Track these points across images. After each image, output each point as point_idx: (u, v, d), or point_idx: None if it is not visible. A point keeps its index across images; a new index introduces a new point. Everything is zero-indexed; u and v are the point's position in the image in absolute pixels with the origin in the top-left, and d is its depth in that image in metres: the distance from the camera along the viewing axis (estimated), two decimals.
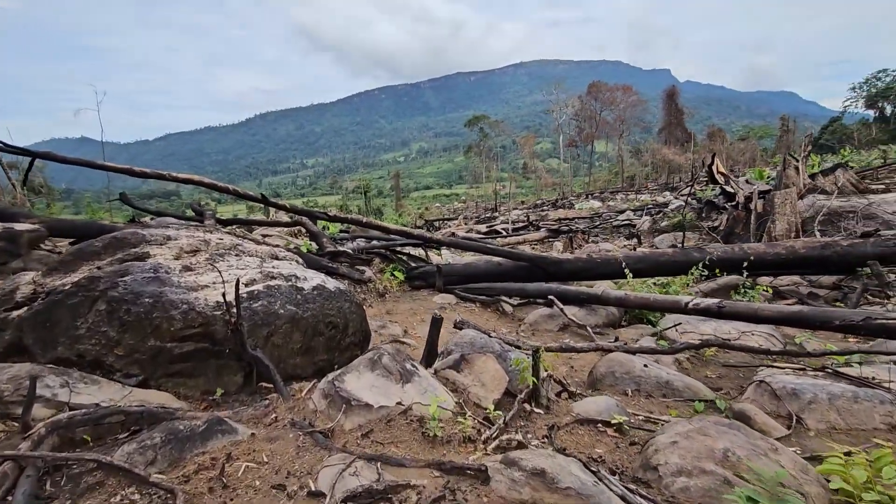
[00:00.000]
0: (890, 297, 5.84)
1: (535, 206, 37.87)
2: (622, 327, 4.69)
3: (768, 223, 11.27)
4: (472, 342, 2.46)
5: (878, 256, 6.33)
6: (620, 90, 64.95)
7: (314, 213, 5.67)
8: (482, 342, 2.47)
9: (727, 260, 6.41)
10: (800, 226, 11.01)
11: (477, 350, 2.40)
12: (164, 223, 7.34)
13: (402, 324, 4.88)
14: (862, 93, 63.17)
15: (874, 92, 61.25)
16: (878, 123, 57.15)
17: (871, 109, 62.58)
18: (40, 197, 24.41)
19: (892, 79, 60.64)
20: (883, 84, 60.94)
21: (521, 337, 4.51)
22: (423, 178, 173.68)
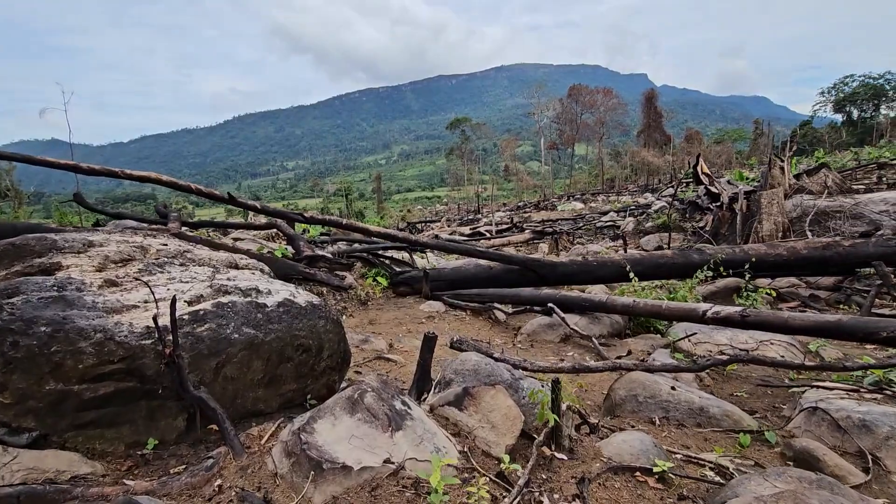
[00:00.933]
0: None
1: (518, 208, 37.75)
2: (628, 337, 4.30)
3: (755, 223, 11.12)
4: (476, 369, 2.00)
5: (881, 256, 6.09)
6: (601, 93, 65.54)
7: (289, 214, 5.14)
8: (488, 369, 2.02)
9: (728, 262, 6.12)
10: (787, 226, 10.88)
11: (483, 380, 1.94)
12: (122, 226, 6.70)
13: (387, 336, 4.40)
14: (830, 97, 65.28)
15: (842, 97, 63.36)
16: (846, 127, 59.00)
17: (840, 113, 64.71)
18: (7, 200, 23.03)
19: (858, 84, 62.80)
20: (850, 89, 63.11)
21: (519, 348, 4.08)
22: (405, 180, 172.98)
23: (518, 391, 1.95)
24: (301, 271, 5.78)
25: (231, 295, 2.03)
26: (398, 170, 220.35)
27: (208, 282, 2.09)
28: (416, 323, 4.87)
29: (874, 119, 59.52)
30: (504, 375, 1.99)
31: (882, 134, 46.25)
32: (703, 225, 14.52)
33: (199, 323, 1.79)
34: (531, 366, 2.50)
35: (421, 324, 4.86)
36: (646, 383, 2.55)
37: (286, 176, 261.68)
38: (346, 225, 5.17)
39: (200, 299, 1.93)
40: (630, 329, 4.43)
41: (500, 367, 2.04)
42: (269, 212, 5.09)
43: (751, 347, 3.81)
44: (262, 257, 5.55)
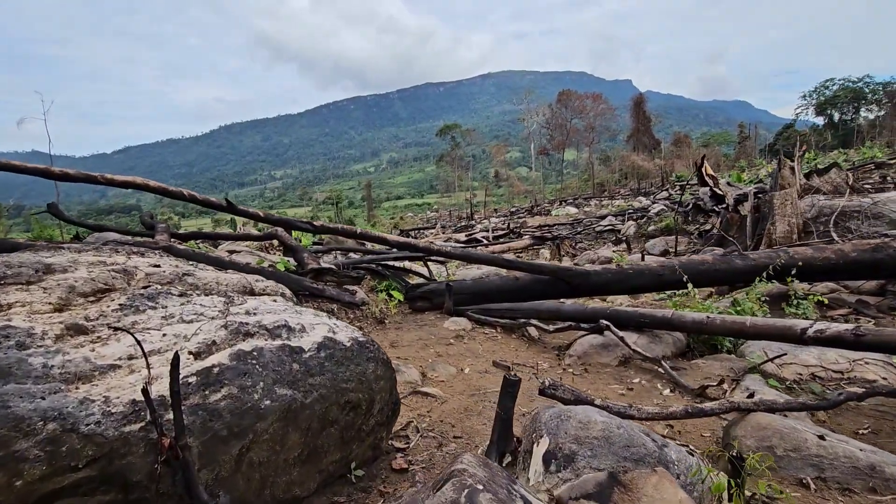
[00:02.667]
0: None
1: (511, 214, 37.39)
2: (696, 357, 3.74)
3: (767, 225, 10.70)
4: (608, 437, 1.42)
5: None
6: (590, 98, 65.80)
7: (294, 222, 4.53)
8: (622, 435, 1.43)
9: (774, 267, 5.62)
10: (802, 227, 10.49)
11: (620, 454, 1.37)
12: (104, 239, 6.01)
13: (415, 361, 3.79)
14: (812, 101, 66.48)
15: (823, 100, 64.53)
16: (828, 129, 59.95)
17: (821, 116, 65.85)
18: None
19: (838, 87, 64.04)
20: (830, 93, 64.31)
21: (573, 375, 3.50)
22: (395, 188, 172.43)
23: (668, 465, 1.38)
24: (308, 287, 5.16)
25: (255, 338, 1.43)
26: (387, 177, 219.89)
27: (221, 319, 1.49)
28: (443, 344, 4.27)
29: (854, 122, 60.58)
30: (647, 445, 1.42)
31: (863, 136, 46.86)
32: (710, 228, 14.11)
33: (213, 387, 1.19)
34: (638, 413, 1.93)
35: (449, 345, 4.26)
36: (782, 430, 1.99)
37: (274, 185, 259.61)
38: (362, 234, 4.57)
39: (213, 348, 1.33)
40: (691, 347, 3.89)
41: (635, 432, 1.47)
42: (273, 220, 4.47)
43: (844, 368, 3.29)
44: (264, 272, 4.92)
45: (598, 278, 5.38)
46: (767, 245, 10.43)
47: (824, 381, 3.19)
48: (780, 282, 5.50)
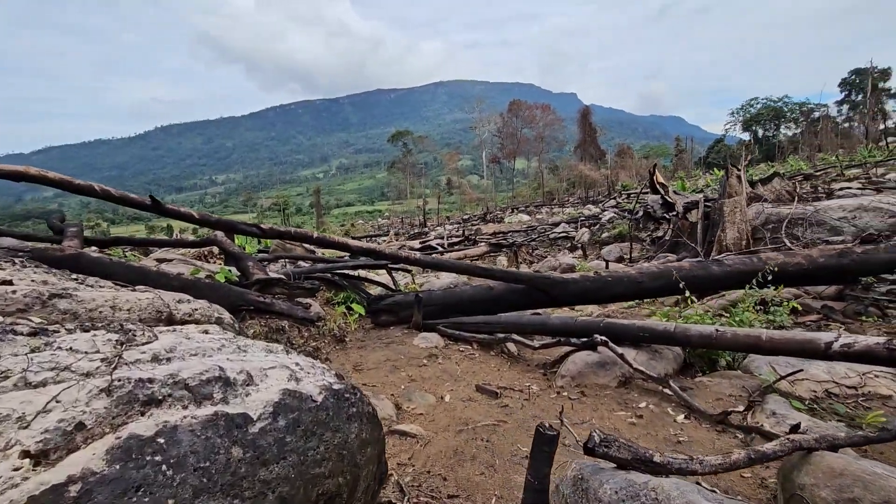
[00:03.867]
0: None
1: (465, 221, 37.33)
2: (700, 374, 3.41)
3: (718, 231, 10.96)
4: None
5: (893, 262, 5.73)
6: (539, 108, 67.48)
7: (237, 224, 3.82)
8: None
9: (746, 273, 5.52)
10: (750, 233, 10.81)
11: None
12: None
13: (386, 390, 3.20)
14: (739, 117, 71.98)
15: (748, 117, 70.06)
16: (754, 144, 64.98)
17: (747, 132, 71.40)
18: None
19: (761, 106, 69.76)
20: (755, 110, 69.95)
21: (570, 399, 3.06)
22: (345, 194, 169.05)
23: None
24: (253, 300, 4.44)
25: (164, 408, 0.83)
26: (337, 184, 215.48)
27: (102, 376, 0.86)
28: (416, 366, 3.71)
29: (776, 138, 66.06)
30: None
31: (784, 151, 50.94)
32: (662, 234, 14.39)
33: None
34: (701, 467, 1.48)
35: (423, 366, 3.71)
36: (863, 477, 1.61)
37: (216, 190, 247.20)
38: (319, 239, 3.93)
39: (76, 438, 0.71)
40: (689, 362, 3.56)
41: None
42: (210, 222, 3.74)
43: (856, 383, 3.05)
44: (196, 286, 4.16)
45: (577, 287, 5.03)
46: (718, 251, 10.64)
47: (840, 397, 2.94)
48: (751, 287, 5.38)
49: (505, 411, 2.89)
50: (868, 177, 15.65)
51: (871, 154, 22.46)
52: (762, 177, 14.06)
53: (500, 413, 2.86)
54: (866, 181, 14.68)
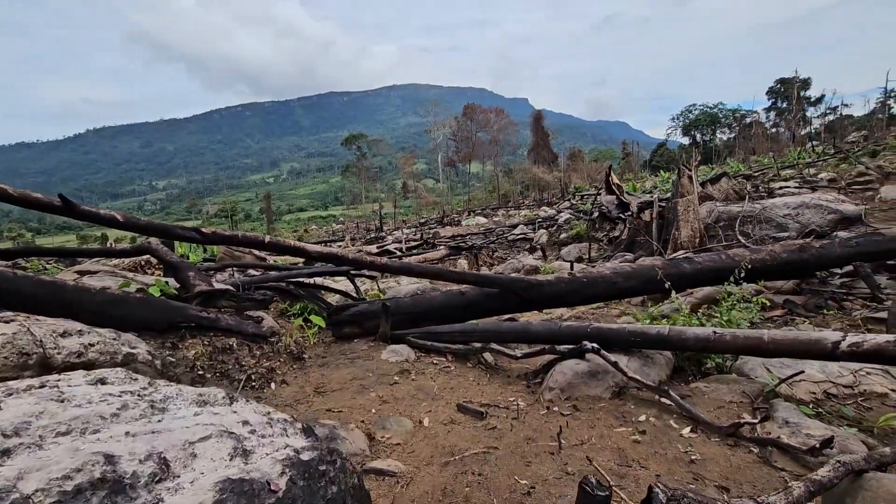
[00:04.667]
0: (882, 300, 5.36)
1: (422, 224, 36.98)
2: (694, 380, 3.20)
3: (672, 230, 11.20)
4: None
5: (853, 257, 5.88)
6: (494, 112, 68.29)
7: (172, 228, 3.27)
8: None
9: (717, 269, 5.49)
10: (703, 231, 11.10)
11: None
12: None
13: (354, 416, 2.77)
14: (679, 123, 76.08)
15: (688, 122, 74.22)
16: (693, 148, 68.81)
17: (687, 137, 75.59)
18: None
19: (699, 112, 74.11)
20: (693, 116, 74.18)
21: (562, 415, 2.75)
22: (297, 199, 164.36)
23: None
24: (194, 316, 3.87)
25: None
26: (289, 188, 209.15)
27: None
28: (386, 384, 3.29)
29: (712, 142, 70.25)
30: None
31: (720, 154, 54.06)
32: (618, 234, 14.63)
33: None
34: None
35: (394, 384, 3.30)
36: None
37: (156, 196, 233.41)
38: (272, 244, 3.44)
39: None
40: (679, 366, 3.36)
41: None
42: (139, 226, 3.17)
43: (850, 382, 2.93)
44: (127, 300, 3.56)
45: (552, 289, 4.79)
46: (674, 249, 10.85)
47: (838, 398, 2.80)
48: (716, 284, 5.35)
49: (493, 434, 2.54)
50: (802, 176, 16.67)
51: (801, 156, 24.12)
52: (710, 177, 14.58)
53: (488, 437, 2.51)
54: (801, 181, 15.59)
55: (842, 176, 15.15)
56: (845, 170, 15.98)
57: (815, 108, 64.21)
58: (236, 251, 11.24)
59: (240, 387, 3.08)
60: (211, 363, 3.41)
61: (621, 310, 6.88)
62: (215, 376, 3.23)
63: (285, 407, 2.89)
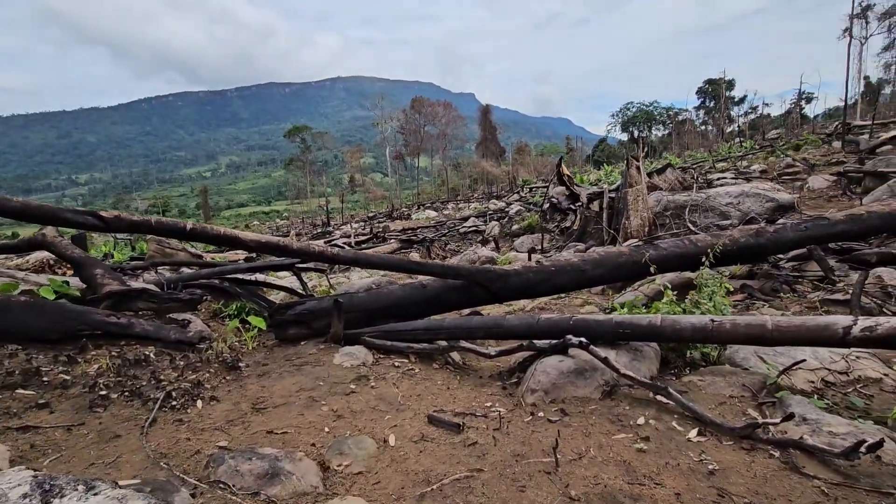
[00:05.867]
0: (835, 283, 5.47)
1: (370, 219, 36.08)
2: (686, 373, 2.93)
3: (623, 220, 11.34)
4: None
5: (804, 240, 5.99)
6: (441, 106, 67.90)
7: (61, 212, 2.57)
8: None
9: (684, 255, 5.40)
10: (652, 220, 11.31)
11: None
12: None
13: (303, 438, 2.25)
14: (618, 120, 79.31)
15: (626, 119, 77.55)
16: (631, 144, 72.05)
17: (625, 133, 79.03)
18: None
19: (636, 109, 77.60)
20: (631, 113, 77.60)
21: (549, 421, 2.38)
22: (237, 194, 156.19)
23: None
24: (100, 322, 3.16)
25: None
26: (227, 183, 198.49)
27: None
28: (341, 394, 2.78)
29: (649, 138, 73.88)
30: None
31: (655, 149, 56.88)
32: (570, 225, 14.73)
33: None
34: None
35: (351, 394, 2.79)
36: None
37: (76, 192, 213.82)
38: (193, 232, 2.81)
39: None
40: (668, 359, 3.09)
41: None
42: (14, 210, 2.45)
43: (843, 368, 2.77)
44: (9, 306, 2.82)
45: (519, 280, 4.45)
46: (624, 238, 10.96)
47: (836, 386, 2.62)
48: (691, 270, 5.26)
49: (475, 452, 2.11)
50: (736, 168, 17.58)
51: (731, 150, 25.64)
52: (656, 168, 14.97)
53: (469, 456, 2.08)
54: (736, 172, 16.41)
55: (772, 167, 16.06)
56: (774, 162, 16.99)
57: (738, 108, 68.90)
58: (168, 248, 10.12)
59: (154, 408, 2.46)
60: (119, 380, 2.75)
61: (583, 299, 6.71)
62: (123, 396, 2.58)
63: (214, 431, 2.31)
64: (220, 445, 2.17)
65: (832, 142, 18.27)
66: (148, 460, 1.98)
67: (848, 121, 18.37)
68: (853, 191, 10.75)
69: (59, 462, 1.96)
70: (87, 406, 2.45)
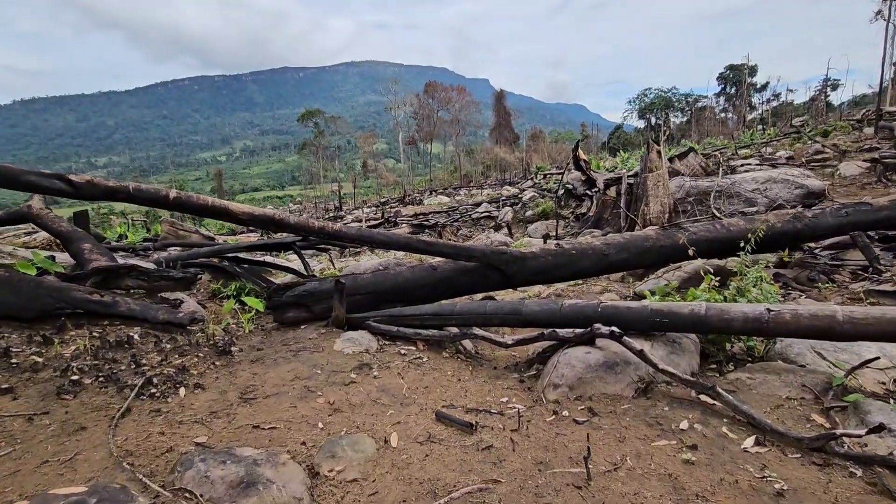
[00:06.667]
0: (882, 271, 5.02)
1: (383, 204, 35.86)
2: (729, 369, 2.57)
3: (641, 205, 10.86)
4: None
5: (845, 227, 5.54)
6: (455, 90, 66.82)
7: (22, 175, 2.29)
8: None
9: (713, 241, 5.01)
10: (672, 206, 10.81)
11: None
12: None
13: (290, 435, 1.97)
14: (635, 106, 77.34)
15: (643, 106, 75.56)
16: (648, 131, 70.34)
17: (642, 120, 77.08)
18: None
19: (654, 96, 75.52)
20: (649, 100, 75.58)
21: (575, 422, 2.06)
22: (251, 178, 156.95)
23: None
24: (80, 300, 2.90)
25: None
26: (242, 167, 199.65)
27: None
28: (340, 384, 2.49)
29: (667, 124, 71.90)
30: None
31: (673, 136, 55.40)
32: (585, 211, 14.28)
33: None
34: None
35: (351, 384, 2.50)
36: None
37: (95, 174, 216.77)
38: (178, 201, 2.51)
39: None
40: (707, 353, 2.73)
41: None
42: None
43: None
44: None
45: (537, 263, 4.12)
46: (643, 224, 10.50)
47: None
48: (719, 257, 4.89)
49: (490, 458, 1.80)
50: (760, 154, 16.85)
51: (754, 136, 24.70)
52: (678, 152, 14.37)
53: (483, 462, 1.77)
54: (760, 158, 15.71)
55: (799, 154, 15.30)
56: (801, 148, 16.21)
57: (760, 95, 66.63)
58: (181, 230, 9.94)
59: (130, 396, 2.19)
60: (95, 363, 2.48)
61: (602, 286, 6.35)
62: (97, 382, 2.32)
63: (193, 424, 2.03)
64: (197, 441, 1.89)
65: (863, 128, 17.44)
66: (110, 459, 1.71)
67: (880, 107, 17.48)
68: (889, 178, 10.13)
69: (9, 459, 1.70)
70: (55, 392, 2.18)
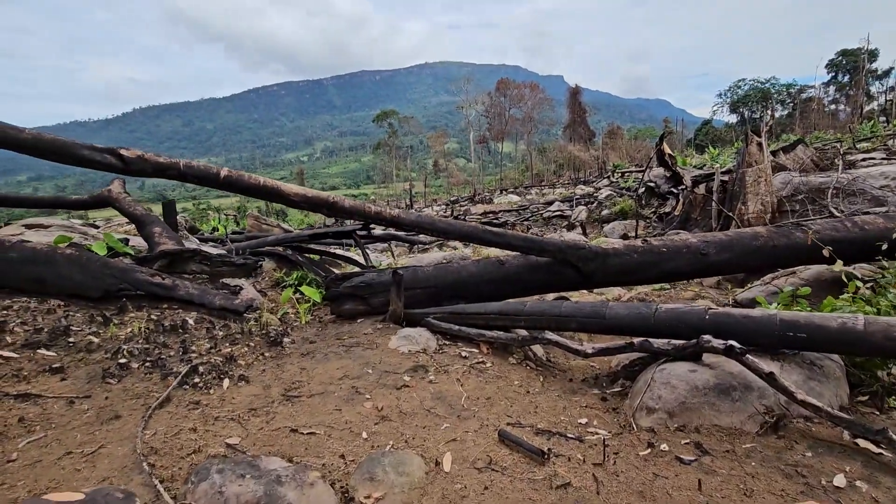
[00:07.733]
0: None
1: (452, 202, 35.88)
2: (891, 402, 1.96)
3: (738, 204, 9.63)
4: None
5: None
6: (528, 87, 65.48)
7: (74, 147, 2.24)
8: None
9: (840, 241, 4.13)
10: (776, 205, 9.49)
11: None
12: None
13: (327, 445, 1.70)
14: (726, 100, 70.91)
15: (736, 99, 69.04)
16: (741, 126, 64.15)
17: (735, 114, 70.50)
18: None
19: (749, 87, 68.76)
20: (742, 92, 68.94)
21: (679, 463, 1.60)
22: (330, 177, 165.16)
23: None
24: (141, 282, 2.87)
25: None
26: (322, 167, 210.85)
27: None
28: (390, 388, 2.21)
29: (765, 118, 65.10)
30: None
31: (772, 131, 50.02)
32: (669, 210, 13.08)
33: None
34: None
35: (403, 388, 2.21)
36: None
37: None
38: (228, 180, 2.36)
39: None
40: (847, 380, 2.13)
41: None
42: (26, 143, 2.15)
43: None
44: (54, 259, 2.59)
45: (620, 260, 3.59)
46: (738, 226, 9.36)
47: None
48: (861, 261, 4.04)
49: (565, 499, 1.41)
50: (886, 147, 14.52)
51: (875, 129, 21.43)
52: (785, 144, 12.75)
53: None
54: (887, 152, 13.52)
55: None
56: None
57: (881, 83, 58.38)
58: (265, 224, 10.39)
59: (172, 385, 2.06)
60: (146, 347, 2.40)
61: (695, 292, 5.63)
62: (143, 367, 2.22)
63: (230, 421, 1.84)
64: (228, 443, 1.68)
65: None
66: (132, 456, 1.54)
67: None
68: None
69: (36, 447, 1.58)
70: (101, 375, 2.10)
